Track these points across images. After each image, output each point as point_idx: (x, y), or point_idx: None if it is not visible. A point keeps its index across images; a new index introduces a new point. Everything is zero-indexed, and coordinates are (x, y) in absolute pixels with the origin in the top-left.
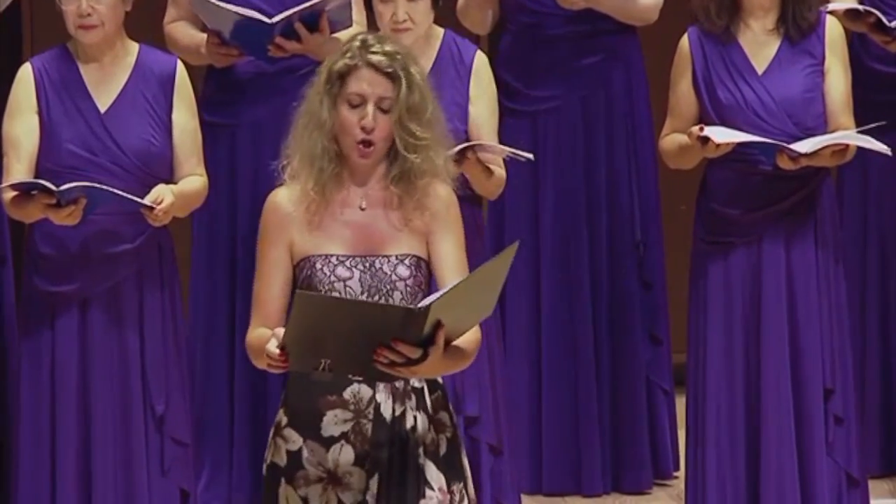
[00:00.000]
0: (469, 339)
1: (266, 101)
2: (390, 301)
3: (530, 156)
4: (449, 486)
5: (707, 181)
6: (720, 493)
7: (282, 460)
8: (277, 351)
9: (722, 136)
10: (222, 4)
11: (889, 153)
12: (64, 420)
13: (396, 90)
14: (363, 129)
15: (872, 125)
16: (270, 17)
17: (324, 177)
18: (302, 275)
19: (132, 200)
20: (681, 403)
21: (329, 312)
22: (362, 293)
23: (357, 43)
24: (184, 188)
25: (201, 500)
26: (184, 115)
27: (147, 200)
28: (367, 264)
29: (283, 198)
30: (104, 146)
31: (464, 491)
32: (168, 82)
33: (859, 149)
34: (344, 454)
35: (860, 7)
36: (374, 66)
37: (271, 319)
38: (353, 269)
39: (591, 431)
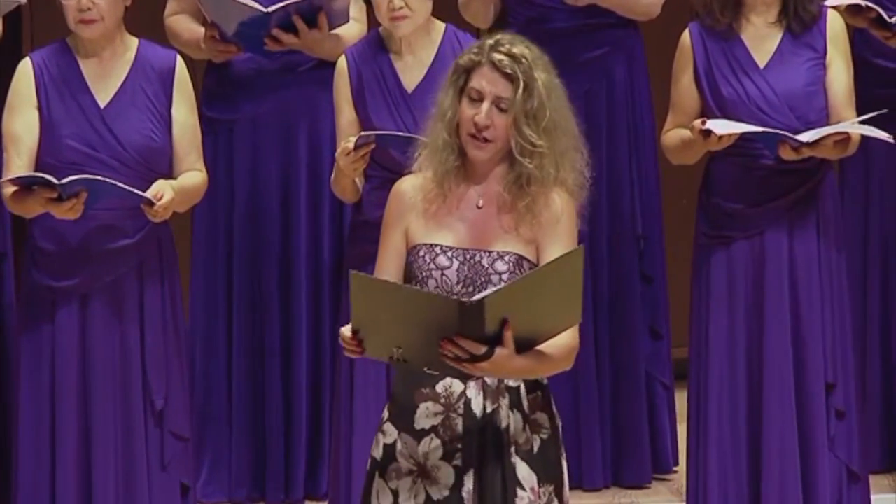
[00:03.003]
0: (558, 344)
1: (265, 97)
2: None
3: None
4: (539, 485)
5: (709, 175)
6: (722, 487)
7: (379, 454)
8: (349, 333)
9: (723, 128)
10: None
11: (891, 140)
12: (64, 415)
13: (514, 92)
14: (475, 124)
15: (874, 113)
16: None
17: (443, 169)
18: (409, 261)
19: (133, 193)
20: (680, 398)
21: (383, 297)
22: (457, 283)
23: (490, 40)
24: (184, 183)
25: (201, 495)
26: (183, 111)
27: (148, 195)
28: (468, 257)
29: (408, 185)
30: (104, 141)
31: (552, 494)
32: (168, 77)
33: (862, 143)
34: (433, 448)
35: (861, 2)
36: (495, 66)
37: None
38: (454, 260)
39: (591, 426)
